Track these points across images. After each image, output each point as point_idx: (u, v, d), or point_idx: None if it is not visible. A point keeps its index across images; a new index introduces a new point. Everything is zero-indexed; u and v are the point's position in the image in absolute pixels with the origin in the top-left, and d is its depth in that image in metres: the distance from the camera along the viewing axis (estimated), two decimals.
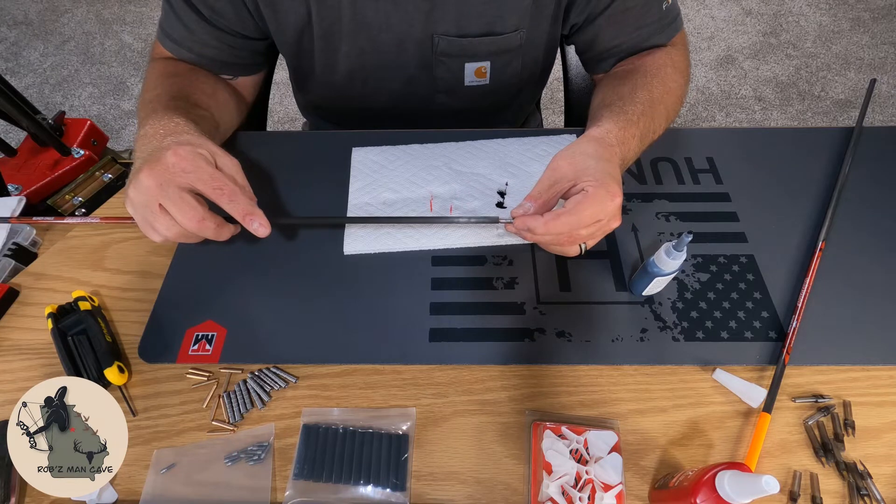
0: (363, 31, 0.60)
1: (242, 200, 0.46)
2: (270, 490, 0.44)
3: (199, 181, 0.44)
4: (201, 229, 0.45)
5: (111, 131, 1.82)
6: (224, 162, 0.47)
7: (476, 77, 0.66)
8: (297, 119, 1.84)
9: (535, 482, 0.43)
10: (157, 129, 0.49)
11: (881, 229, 0.57)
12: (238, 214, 0.46)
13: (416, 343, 0.50)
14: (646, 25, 0.60)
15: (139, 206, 0.45)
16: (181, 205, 0.44)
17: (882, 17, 2.06)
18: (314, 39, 0.62)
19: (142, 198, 0.44)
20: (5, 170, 0.93)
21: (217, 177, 0.45)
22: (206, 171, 0.45)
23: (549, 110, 1.82)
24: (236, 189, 0.46)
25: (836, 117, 1.77)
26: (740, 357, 0.49)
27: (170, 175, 0.44)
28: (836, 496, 0.42)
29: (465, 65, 0.64)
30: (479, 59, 0.64)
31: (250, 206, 0.47)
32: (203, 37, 0.60)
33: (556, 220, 0.46)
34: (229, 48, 0.62)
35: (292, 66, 0.70)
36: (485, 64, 0.64)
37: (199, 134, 0.49)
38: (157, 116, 0.50)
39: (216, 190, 0.45)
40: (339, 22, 0.59)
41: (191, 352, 0.50)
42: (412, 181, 0.61)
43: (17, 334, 0.53)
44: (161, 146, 0.46)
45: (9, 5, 2.29)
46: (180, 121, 0.50)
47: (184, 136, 0.48)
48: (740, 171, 0.62)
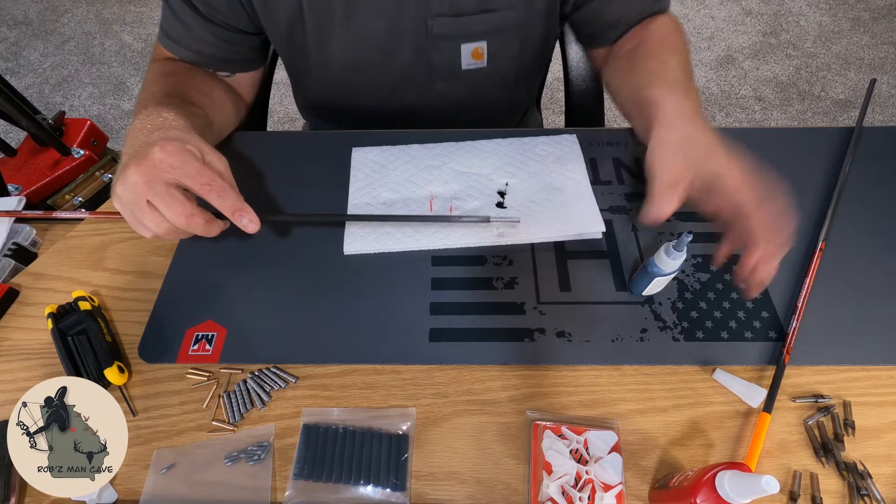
0: (355, 20, 0.60)
1: (231, 196, 0.46)
2: (270, 490, 0.44)
3: (186, 177, 0.44)
4: (190, 225, 0.45)
5: (111, 131, 1.82)
6: (211, 159, 0.47)
7: (473, 59, 0.65)
8: (297, 119, 1.84)
9: (535, 482, 0.43)
10: (145, 123, 0.48)
11: (881, 229, 0.57)
12: (227, 210, 0.46)
13: (416, 343, 0.50)
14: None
15: (127, 203, 0.45)
16: (169, 201, 0.43)
17: (882, 17, 2.06)
18: (306, 32, 0.61)
19: (129, 194, 0.44)
20: (5, 170, 0.93)
21: (205, 172, 0.45)
22: (193, 167, 0.44)
23: (549, 110, 1.82)
24: (225, 185, 0.46)
25: (836, 117, 1.77)
26: (740, 357, 0.49)
27: (157, 171, 0.43)
28: (836, 496, 0.42)
29: (462, 46, 0.63)
30: (476, 39, 0.63)
31: (239, 202, 0.46)
32: (200, 33, 0.60)
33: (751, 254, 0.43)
34: (226, 43, 0.62)
35: (287, 61, 0.70)
36: (481, 44, 0.64)
37: (187, 129, 0.48)
38: (146, 112, 0.50)
39: (204, 186, 0.45)
40: (331, 11, 0.59)
41: (191, 352, 0.50)
42: (412, 181, 0.61)
43: (17, 334, 0.53)
44: (148, 141, 0.45)
45: (9, 5, 2.29)
46: (169, 115, 0.49)
47: (172, 132, 0.47)
48: None
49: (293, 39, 0.63)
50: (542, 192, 0.60)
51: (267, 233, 0.58)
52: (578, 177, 0.61)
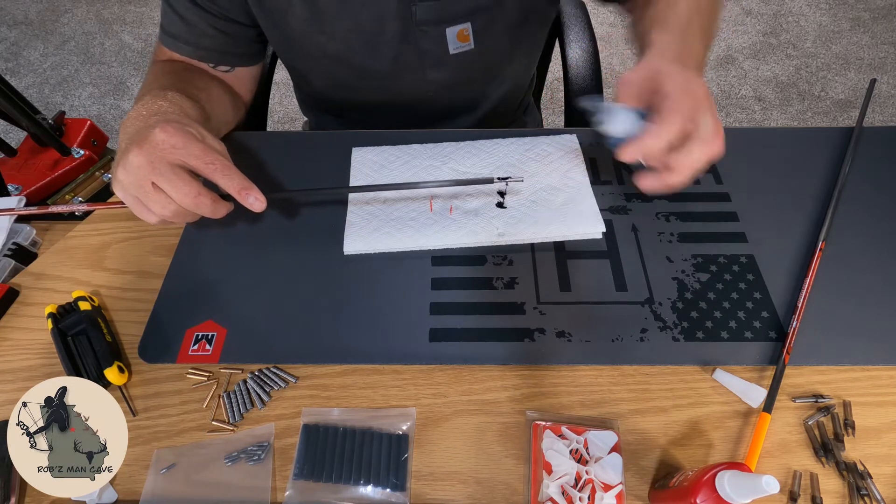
0: (344, 10, 0.60)
1: (237, 175, 0.45)
2: (270, 490, 0.44)
3: (190, 156, 0.43)
4: (197, 205, 0.44)
5: (111, 131, 1.82)
6: (211, 142, 0.46)
7: (460, 42, 0.65)
8: (297, 119, 1.84)
9: (535, 482, 0.43)
10: (141, 111, 0.48)
11: (881, 229, 0.57)
12: (233, 189, 0.46)
13: (416, 343, 0.50)
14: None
15: (130, 187, 0.44)
16: (175, 181, 0.43)
17: (882, 17, 2.06)
18: (297, 22, 0.61)
19: (132, 178, 0.43)
20: (5, 170, 0.93)
21: (208, 152, 0.44)
22: (197, 147, 0.44)
23: (549, 110, 1.82)
24: (229, 163, 0.45)
25: (836, 117, 1.77)
26: (740, 357, 0.49)
27: (160, 152, 0.43)
28: (836, 496, 0.42)
29: (447, 30, 0.63)
30: (459, 21, 0.63)
31: (245, 181, 0.46)
32: (199, 26, 0.61)
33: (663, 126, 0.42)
34: (225, 35, 0.62)
35: (281, 53, 0.70)
36: (465, 26, 0.63)
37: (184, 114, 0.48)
38: (142, 101, 0.50)
39: (209, 165, 0.44)
40: (320, 2, 0.59)
41: (191, 352, 0.50)
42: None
43: (17, 334, 0.53)
44: (147, 125, 0.45)
45: (9, 5, 2.29)
46: (164, 104, 0.49)
47: (169, 115, 0.47)
48: (740, 171, 0.62)
49: (284, 31, 0.63)
50: (542, 192, 0.60)
51: (267, 233, 0.58)
52: (578, 177, 0.61)
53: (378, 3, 0.60)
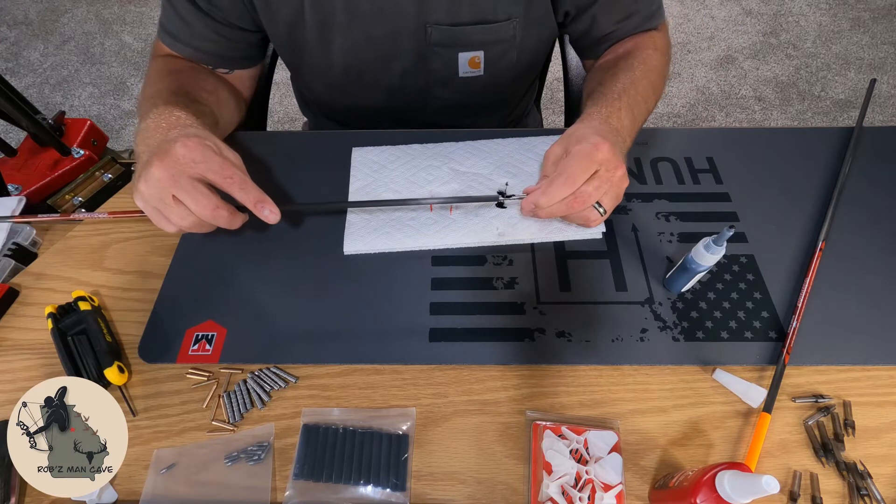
0: (357, 23, 0.60)
1: (253, 189, 0.48)
2: (270, 490, 0.44)
3: (209, 171, 0.45)
4: (216, 217, 0.46)
5: (111, 131, 1.82)
6: (228, 154, 0.49)
7: (470, 68, 0.66)
8: (297, 119, 1.84)
9: (535, 482, 0.43)
10: (160, 122, 0.50)
11: (881, 229, 0.57)
12: (249, 202, 0.47)
13: (416, 343, 0.50)
14: (636, 13, 0.63)
15: (151, 199, 0.46)
16: (195, 194, 0.45)
17: (882, 17, 2.06)
18: (307, 33, 0.62)
19: (153, 190, 0.45)
20: (5, 170, 0.92)
21: (227, 166, 0.46)
22: (215, 161, 0.46)
23: (549, 110, 1.82)
24: (246, 178, 0.48)
25: (836, 117, 1.77)
26: (740, 357, 0.49)
27: (181, 166, 0.45)
28: (836, 496, 0.42)
29: (459, 54, 0.64)
30: (473, 49, 0.64)
31: (261, 194, 0.48)
32: (200, 30, 0.61)
33: (552, 186, 0.49)
34: (225, 40, 0.62)
35: (287, 60, 0.70)
36: (478, 54, 0.64)
37: (201, 126, 0.50)
38: (157, 111, 0.51)
39: (227, 179, 0.46)
40: (332, 14, 0.59)
41: (191, 352, 0.50)
42: (412, 181, 0.61)
43: (17, 334, 0.53)
44: (167, 138, 0.47)
45: (9, 5, 2.29)
46: (181, 114, 0.51)
47: (189, 129, 0.49)
48: (740, 171, 0.62)
49: (294, 39, 0.63)
50: None
51: (267, 233, 0.58)
52: None
53: (395, 20, 0.60)
